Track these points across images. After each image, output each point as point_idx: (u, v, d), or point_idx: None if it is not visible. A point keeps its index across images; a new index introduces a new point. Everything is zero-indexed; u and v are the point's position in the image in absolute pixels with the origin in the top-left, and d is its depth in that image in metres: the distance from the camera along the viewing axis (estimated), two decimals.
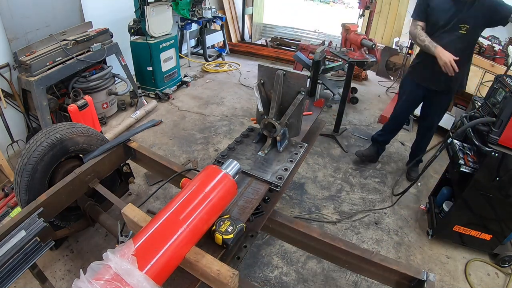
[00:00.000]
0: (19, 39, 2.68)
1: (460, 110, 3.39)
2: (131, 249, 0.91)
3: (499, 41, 3.35)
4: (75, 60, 2.82)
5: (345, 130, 3.48)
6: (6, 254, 1.23)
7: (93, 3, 3.36)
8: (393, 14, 5.00)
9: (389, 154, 3.16)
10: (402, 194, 2.45)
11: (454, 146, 2.05)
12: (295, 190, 2.59)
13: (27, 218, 1.36)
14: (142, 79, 3.83)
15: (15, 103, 2.74)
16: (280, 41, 6.10)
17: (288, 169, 1.47)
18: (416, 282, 1.18)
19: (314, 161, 2.97)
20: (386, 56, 4.81)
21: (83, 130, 1.79)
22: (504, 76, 1.89)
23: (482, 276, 2.03)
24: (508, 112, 1.67)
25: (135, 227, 1.16)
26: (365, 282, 1.90)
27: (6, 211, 2.12)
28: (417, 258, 2.11)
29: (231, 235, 1.10)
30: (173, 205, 1.06)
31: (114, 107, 3.50)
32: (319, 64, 2.68)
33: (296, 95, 1.45)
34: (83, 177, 1.67)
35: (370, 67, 3.08)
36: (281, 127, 1.52)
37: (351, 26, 3.12)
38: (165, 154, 2.94)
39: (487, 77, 2.86)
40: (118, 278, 0.83)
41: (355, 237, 2.23)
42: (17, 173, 1.59)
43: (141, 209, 1.20)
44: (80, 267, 1.81)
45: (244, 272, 1.90)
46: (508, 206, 1.89)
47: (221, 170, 1.17)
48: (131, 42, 3.65)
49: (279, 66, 1.47)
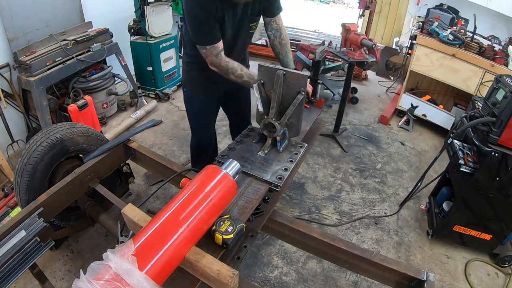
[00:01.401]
0: (19, 39, 2.68)
1: (460, 110, 3.38)
2: (131, 249, 0.90)
3: (499, 41, 3.35)
4: (75, 60, 2.82)
5: (345, 130, 3.48)
6: (6, 254, 1.23)
7: (93, 3, 3.35)
8: (393, 14, 5.00)
9: (389, 154, 3.16)
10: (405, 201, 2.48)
11: (454, 146, 2.05)
12: (295, 190, 2.59)
13: (27, 218, 1.36)
14: (142, 79, 3.83)
15: (15, 103, 2.74)
16: None
17: (288, 169, 1.47)
18: (416, 282, 1.18)
19: (314, 161, 2.97)
20: (386, 56, 4.81)
21: (83, 130, 1.79)
22: (504, 76, 1.89)
23: (482, 276, 2.02)
24: (508, 112, 1.67)
25: (135, 227, 1.16)
26: (365, 282, 1.90)
27: (6, 211, 2.12)
28: (417, 258, 2.11)
29: (231, 235, 1.10)
30: (173, 205, 1.06)
31: (114, 107, 3.50)
32: (319, 64, 2.68)
33: (296, 95, 1.45)
34: (83, 177, 1.67)
35: (370, 67, 3.09)
36: (281, 127, 1.52)
37: (351, 26, 3.13)
38: (165, 154, 2.94)
39: (487, 77, 2.86)
40: (118, 278, 0.83)
41: (355, 237, 2.23)
42: (17, 173, 1.59)
43: (141, 209, 1.20)
44: (80, 267, 1.81)
45: (244, 272, 1.90)
46: (508, 206, 1.89)
47: (221, 170, 1.17)
48: (131, 42, 3.65)
49: (279, 66, 1.47)
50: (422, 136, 3.53)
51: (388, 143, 3.35)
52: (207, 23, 1.49)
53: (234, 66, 1.60)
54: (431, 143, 3.42)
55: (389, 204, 2.54)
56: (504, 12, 3.52)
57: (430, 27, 3.31)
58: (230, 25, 1.60)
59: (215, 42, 1.53)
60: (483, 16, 3.62)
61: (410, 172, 2.95)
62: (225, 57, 1.59)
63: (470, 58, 2.96)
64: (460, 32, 3.20)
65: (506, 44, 2.97)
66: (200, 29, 1.51)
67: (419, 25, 3.64)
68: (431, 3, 4.34)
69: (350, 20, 3.67)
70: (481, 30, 3.29)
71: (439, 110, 3.43)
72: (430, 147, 3.35)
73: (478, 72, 2.94)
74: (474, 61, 2.95)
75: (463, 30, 3.34)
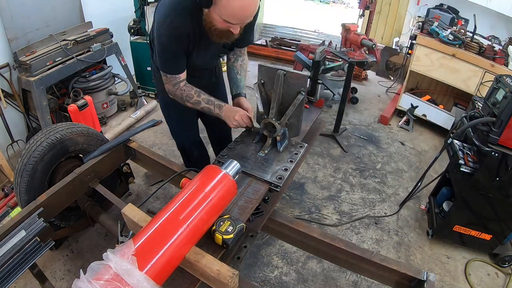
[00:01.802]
0: (19, 39, 2.68)
1: (460, 110, 3.38)
2: (131, 249, 0.91)
3: (499, 41, 3.34)
4: (75, 60, 2.82)
5: (345, 130, 3.48)
6: (6, 254, 1.23)
7: (93, 3, 3.35)
8: (393, 14, 4.99)
9: (389, 154, 3.16)
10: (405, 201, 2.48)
11: (454, 146, 2.05)
12: (295, 190, 2.59)
13: (27, 218, 1.36)
14: (142, 79, 3.82)
15: (15, 103, 2.74)
16: (280, 41, 6.09)
17: (288, 169, 1.47)
18: (416, 282, 1.18)
19: (314, 161, 2.97)
20: (386, 56, 4.81)
21: (83, 130, 1.79)
22: (504, 76, 1.89)
23: (482, 276, 2.03)
24: (508, 112, 1.67)
25: (135, 227, 1.16)
26: (365, 282, 1.90)
27: (6, 211, 2.12)
28: (417, 258, 2.11)
29: (231, 235, 1.10)
30: (173, 205, 1.06)
31: (114, 107, 3.50)
32: (319, 64, 2.68)
33: (296, 95, 1.45)
34: (83, 177, 1.67)
35: (370, 67, 3.09)
36: (281, 127, 1.52)
37: (351, 26, 3.12)
38: (165, 154, 2.94)
39: (487, 77, 2.86)
40: (118, 278, 0.83)
41: (355, 237, 2.23)
42: (17, 173, 1.59)
43: (141, 209, 1.20)
44: (80, 267, 1.81)
45: (244, 272, 1.90)
46: (508, 206, 1.89)
47: (221, 170, 1.17)
48: (131, 42, 3.65)
49: (279, 66, 1.47)
50: (422, 136, 3.53)
51: (388, 143, 3.35)
52: (174, 55, 1.45)
53: (190, 94, 1.55)
54: (431, 143, 3.42)
55: (389, 204, 2.54)
56: (504, 12, 3.51)
57: (430, 27, 3.31)
58: (200, 56, 1.56)
59: (177, 73, 1.51)
60: (483, 16, 3.61)
61: (410, 172, 2.95)
62: (183, 85, 1.54)
63: (470, 58, 2.96)
64: (460, 32, 3.20)
65: (506, 44, 2.97)
66: (165, 58, 1.47)
67: (419, 25, 3.63)
68: (431, 3, 4.33)
69: (350, 20, 3.66)
70: (481, 30, 3.28)
71: (439, 110, 3.43)
72: (430, 147, 3.35)
73: (478, 72, 2.94)
74: (474, 61, 2.95)
75: (463, 30, 3.34)
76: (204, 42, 1.48)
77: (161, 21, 1.37)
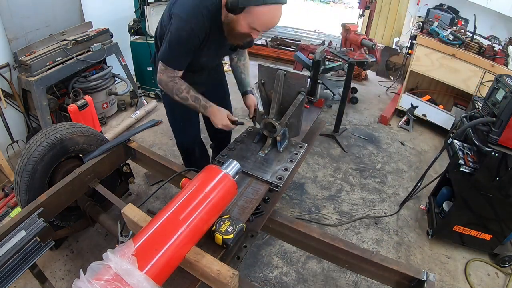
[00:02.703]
0: (19, 39, 2.68)
1: (460, 110, 3.38)
2: (131, 249, 0.91)
3: (499, 41, 3.34)
4: (75, 60, 2.82)
5: (345, 130, 3.48)
6: (6, 254, 1.23)
7: (93, 3, 3.35)
8: (393, 14, 4.99)
9: (389, 154, 3.16)
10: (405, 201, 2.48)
11: (454, 146, 2.05)
12: (295, 190, 2.59)
13: (27, 218, 1.36)
14: (142, 79, 3.82)
15: (15, 103, 2.74)
16: (280, 41, 6.09)
17: (288, 169, 1.47)
18: (416, 282, 1.18)
19: (314, 161, 2.97)
20: (386, 56, 4.81)
21: (83, 130, 1.79)
22: (504, 76, 1.89)
23: (482, 276, 2.03)
24: (508, 112, 1.67)
25: (135, 227, 1.16)
26: (365, 282, 1.90)
27: (6, 211, 2.11)
28: (417, 258, 2.11)
29: (231, 235, 1.10)
30: (173, 205, 1.06)
31: (114, 107, 3.49)
32: (319, 64, 2.68)
33: (296, 96, 1.45)
34: (83, 177, 1.67)
35: (370, 67, 3.09)
36: (281, 127, 1.52)
37: (351, 26, 3.12)
38: (165, 154, 2.94)
39: (487, 77, 2.86)
40: (118, 278, 0.83)
41: (355, 237, 2.23)
42: (17, 173, 1.59)
43: (141, 209, 1.20)
44: (80, 267, 1.80)
45: (244, 272, 1.90)
46: (508, 206, 1.89)
47: (221, 170, 1.17)
48: (131, 42, 3.65)
49: (279, 66, 1.47)
50: (422, 136, 3.53)
51: (388, 143, 3.35)
52: (184, 53, 1.45)
53: (181, 88, 1.53)
54: (431, 143, 3.42)
55: (389, 204, 2.54)
56: (504, 12, 3.52)
57: (430, 27, 3.31)
58: (208, 55, 1.58)
59: (178, 69, 1.50)
60: (483, 16, 3.62)
61: (410, 172, 2.95)
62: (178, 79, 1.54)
63: (470, 58, 2.96)
64: (460, 32, 3.19)
65: (506, 44, 2.97)
66: (174, 52, 1.45)
67: (419, 25, 3.63)
68: (431, 3, 4.34)
69: (350, 20, 3.66)
70: (481, 30, 3.28)
71: (439, 110, 3.43)
72: (430, 147, 3.35)
73: (478, 72, 2.94)
74: (474, 61, 2.94)
75: (463, 30, 3.33)
76: (216, 42, 1.50)
77: (184, 18, 1.36)
